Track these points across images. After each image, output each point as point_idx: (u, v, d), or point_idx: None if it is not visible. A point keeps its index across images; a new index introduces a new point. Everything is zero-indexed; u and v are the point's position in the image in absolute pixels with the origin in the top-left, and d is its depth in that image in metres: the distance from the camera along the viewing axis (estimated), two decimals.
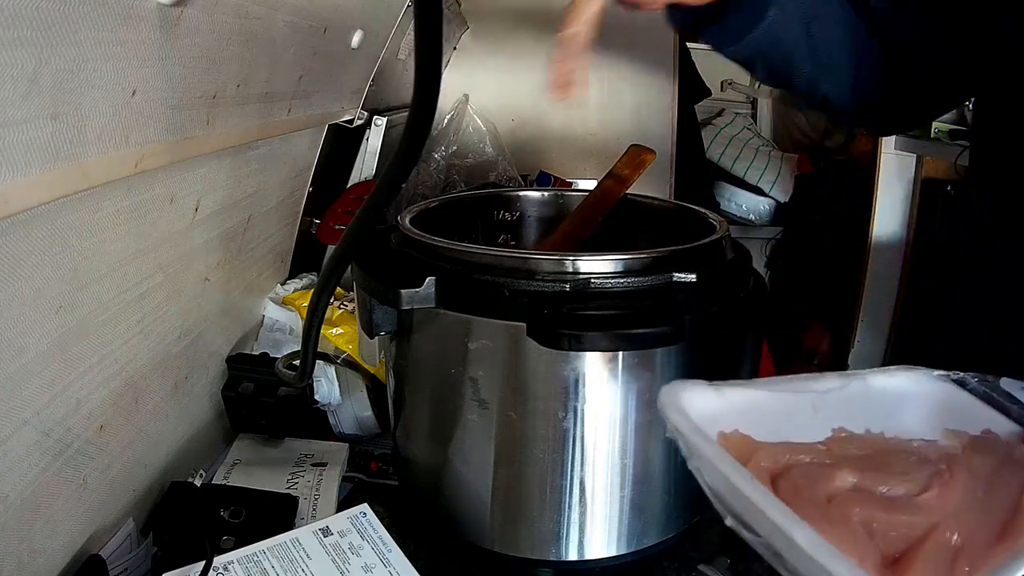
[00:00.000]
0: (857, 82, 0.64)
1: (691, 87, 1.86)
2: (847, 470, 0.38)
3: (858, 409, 0.42)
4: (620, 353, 0.57)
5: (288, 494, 0.72)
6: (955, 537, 0.34)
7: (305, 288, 1.00)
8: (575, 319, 0.53)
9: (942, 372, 0.44)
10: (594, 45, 0.55)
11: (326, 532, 0.61)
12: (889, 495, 0.37)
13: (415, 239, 0.63)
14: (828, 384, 0.43)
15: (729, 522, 0.37)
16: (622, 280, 0.56)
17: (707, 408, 0.40)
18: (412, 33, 0.66)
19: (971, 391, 0.42)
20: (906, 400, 0.43)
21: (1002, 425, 0.40)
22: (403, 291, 0.57)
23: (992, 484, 0.37)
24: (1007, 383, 0.42)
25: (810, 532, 0.32)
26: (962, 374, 0.43)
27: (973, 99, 0.69)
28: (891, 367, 0.44)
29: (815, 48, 0.61)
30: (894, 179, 1.70)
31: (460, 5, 1.46)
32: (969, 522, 0.35)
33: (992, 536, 0.34)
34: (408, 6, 1.03)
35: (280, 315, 0.96)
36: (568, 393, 0.58)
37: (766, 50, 0.61)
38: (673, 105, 1.58)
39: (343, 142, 1.12)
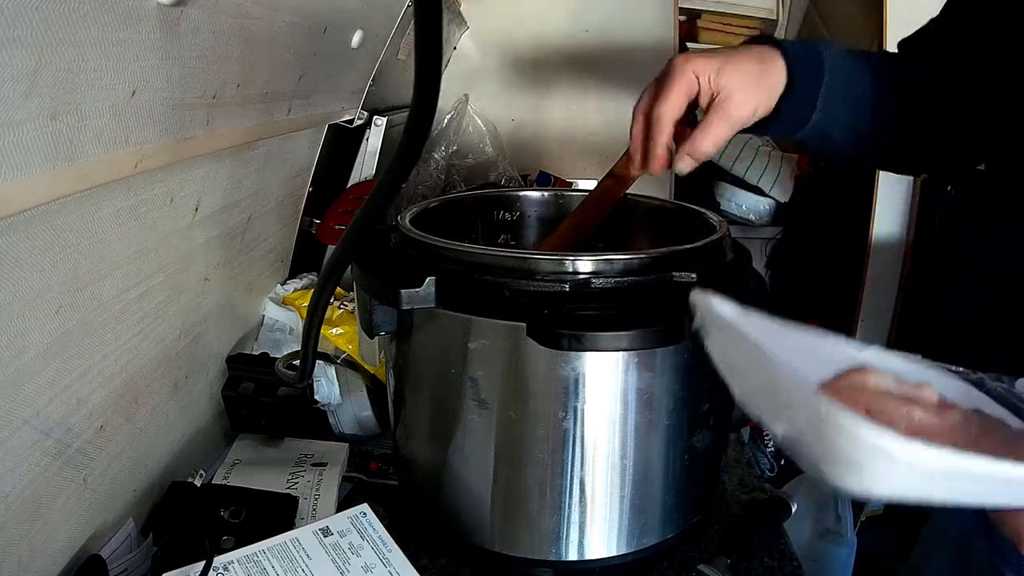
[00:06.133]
0: (875, 131, 0.66)
1: None
2: (886, 376, 0.39)
3: None
4: (620, 353, 0.57)
5: (288, 494, 0.72)
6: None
7: (305, 288, 1.00)
8: (575, 319, 0.53)
9: (961, 369, 0.44)
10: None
11: (326, 532, 0.61)
12: (909, 394, 0.38)
13: (415, 239, 0.63)
14: (848, 345, 0.43)
15: (736, 393, 0.37)
16: (622, 280, 0.56)
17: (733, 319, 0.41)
18: (412, 33, 0.66)
19: (988, 391, 0.42)
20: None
21: (1017, 424, 0.41)
22: (403, 291, 0.57)
23: (984, 429, 0.38)
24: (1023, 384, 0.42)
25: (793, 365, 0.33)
26: (980, 375, 0.43)
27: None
28: (909, 354, 0.44)
29: (854, 125, 0.64)
30: (894, 179, 1.70)
31: (460, 5, 1.46)
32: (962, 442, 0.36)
33: None
34: (408, 6, 1.03)
35: (280, 315, 0.96)
36: (568, 393, 0.58)
37: (819, 137, 0.63)
38: None
39: (343, 142, 1.12)
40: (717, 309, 0.40)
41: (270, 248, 0.95)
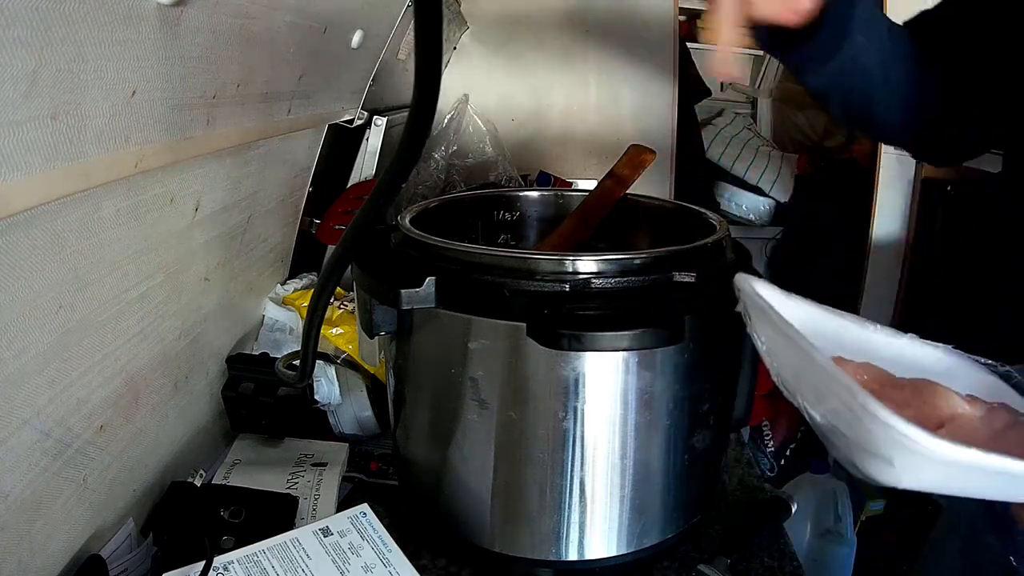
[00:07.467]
0: (918, 108, 0.65)
1: (691, 87, 1.86)
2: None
3: (906, 368, 0.44)
4: (620, 353, 0.57)
5: (288, 494, 0.72)
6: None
7: (305, 288, 1.00)
8: (575, 319, 0.53)
9: (990, 362, 0.45)
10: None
11: (326, 532, 0.61)
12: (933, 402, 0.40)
13: (415, 239, 0.63)
14: (886, 333, 0.45)
15: (776, 375, 0.40)
16: (622, 280, 0.56)
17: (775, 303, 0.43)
18: (412, 33, 0.66)
19: (1015, 386, 0.43)
20: (952, 377, 0.44)
21: None
22: (403, 291, 0.57)
23: (1007, 429, 0.39)
24: None
25: (830, 362, 0.35)
26: (1008, 368, 0.44)
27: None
28: (942, 344, 0.46)
29: (887, 78, 0.63)
30: (894, 179, 1.71)
31: (460, 5, 1.46)
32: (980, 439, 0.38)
33: None
34: (408, 6, 1.03)
35: (280, 315, 0.96)
36: (568, 393, 0.58)
37: (846, 77, 0.62)
38: (673, 105, 1.58)
39: (343, 142, 1.12)
40: (760, 292, 0.42)
41: (270, 248, 0.95)
